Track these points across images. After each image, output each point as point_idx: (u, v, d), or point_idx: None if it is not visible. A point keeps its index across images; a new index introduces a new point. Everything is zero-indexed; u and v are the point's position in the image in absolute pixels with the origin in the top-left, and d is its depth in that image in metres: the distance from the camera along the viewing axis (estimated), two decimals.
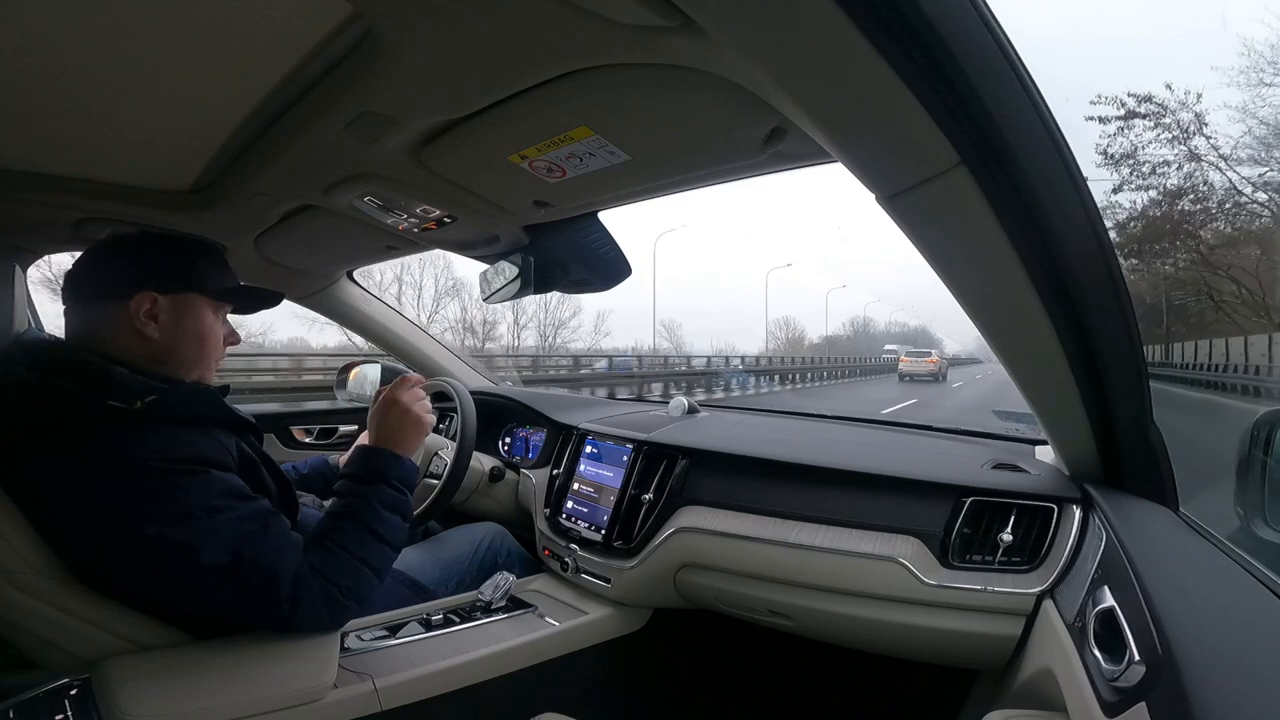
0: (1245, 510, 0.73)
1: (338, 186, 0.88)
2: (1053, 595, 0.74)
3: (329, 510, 0.85)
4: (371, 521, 0.82)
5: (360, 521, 0.82)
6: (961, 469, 0.92)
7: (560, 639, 1.03)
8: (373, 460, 0.88)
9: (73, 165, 0.87)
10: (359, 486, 0.85)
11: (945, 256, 0.60)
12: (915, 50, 0.42)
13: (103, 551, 0.71)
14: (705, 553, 1.02)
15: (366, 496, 0.84)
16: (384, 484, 0.86)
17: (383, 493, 0.85)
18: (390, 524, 0.84)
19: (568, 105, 0.65)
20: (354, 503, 0.84)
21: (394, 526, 0.85)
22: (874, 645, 0.96)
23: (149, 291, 0.79)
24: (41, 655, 0.75)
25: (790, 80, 0.48)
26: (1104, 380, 0.66)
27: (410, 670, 0.86)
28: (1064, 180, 0.52)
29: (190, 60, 0.63)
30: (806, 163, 0.74)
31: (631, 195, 0.90)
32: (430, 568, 1.12)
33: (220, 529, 0.71)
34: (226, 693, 0.72)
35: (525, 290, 1.13)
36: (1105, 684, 0.49)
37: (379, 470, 0.87)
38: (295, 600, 0.74)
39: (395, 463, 0.89)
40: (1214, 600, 0.53)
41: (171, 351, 0.81)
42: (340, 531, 0.80)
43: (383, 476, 0.86)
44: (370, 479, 0.86)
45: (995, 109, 0.46)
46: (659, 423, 1.26)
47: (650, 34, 0.51)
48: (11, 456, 0.71)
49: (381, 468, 0.87)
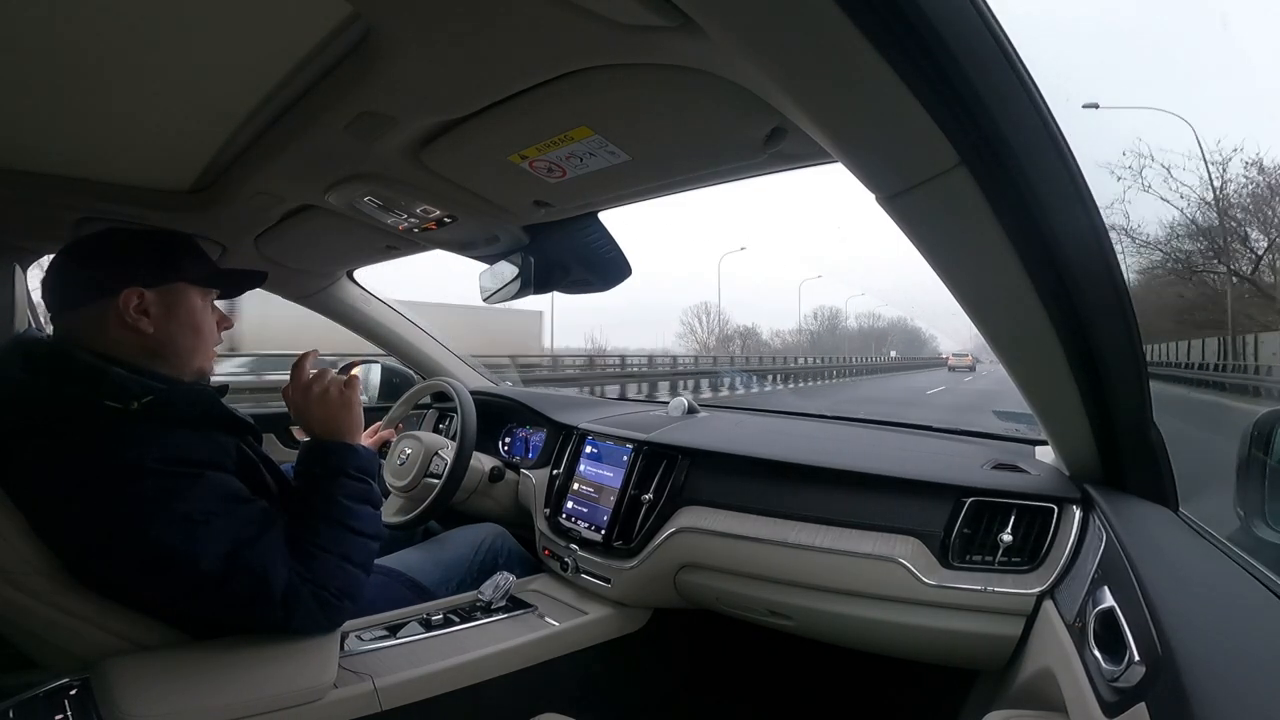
0: (1245, 510, 0.73)
1: (338, 186, 0.88)
2: (1053, 595, 0.74)
3: (294, 512, 0.80)
4: (342, 516, 0.80)
5: (330, 519, 0.79)
6: (961, 469, 0.92)
7: (560, 639, 1.03)
8: (324, 455, 0.84)
9: (73, 165, 0.87)
10: (319, 484, 0.82)
11: (945, 256, 0.60)
12: (915, 50, 0.42)
13: (101, 552, 0.71)
14: (705, 553, 1.02)
15: (329, 493, 0.81)
16: (343, 477, 0.82)
17: (345, 486, 0.82)
18: (361, 515, 0.81)
19: (568, 105, 0.65)
20: (319, 502, 0.80)
21: (366, 517, 0.82)
22: (874, 645, 0.96)
23: (134, 287, 0.77)
24: (41, 655, 0.75)
25: (790, 80, 0.48)
26: (1104, 380, 0.66)
27: (410, 670, 0.86)
28: (1064, 180, 0.51)
29: (191, 60, 0.63)
30: (806, 163, 0.74)
31: (632, 195, 0.90)
32: (430, 568, 1.12)
33: (216, 533, 0.71)
34: (226, 693, 0.72)
35: (525, 290, 1.13)
36: (1105, 684, 0.49)
37: (334, 465, 0.83)
38: (288, 605, 0.74)
39: (350, 453, 0.84)
40: (1214, 600, 0.53)
41: (168, 345, 0.80)
42: (315, 533, 0.77)
43: (340, 470, 0.83)
44: (327, 474, 0.82)
45: (995, 109, 0.46)
46: (659, 423, 1.26)
47: (650, 34, 0.51)
48: (10, 456, 0.71)
49: (336, 461, 0.83)
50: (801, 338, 51.38)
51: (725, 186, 0.85)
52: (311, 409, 0.86)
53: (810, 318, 58.68)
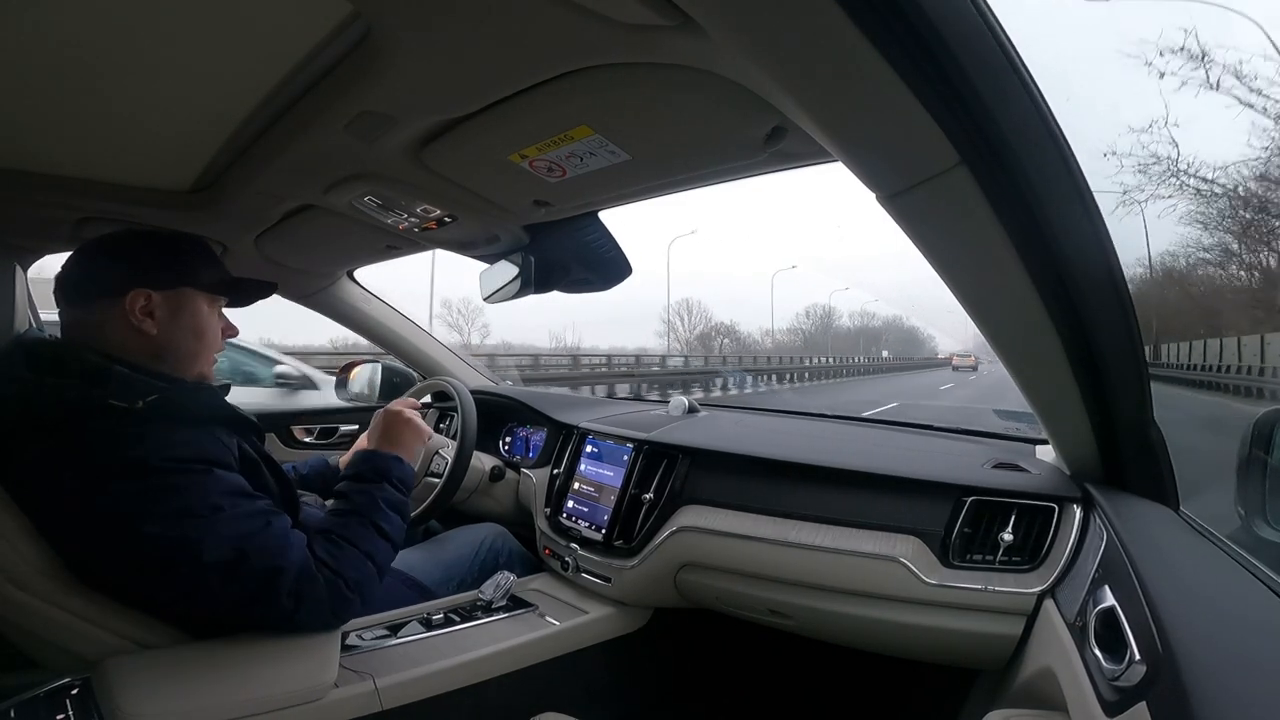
0: (1246, 509, 0.73)
1: (338, 186, 0.89)
2: (1053, 595, 0.74)
3: (333, 508, 0.87)
4: (376, 518, 0.84)
5: (365, 517, 0.84)
6: (962, 468, 0.92)
7: (561, 638, 1.03)
8: (375, 461, 0.91)
9: (73, 165, 0.87)
10: (363, 485, 0.88)
11: (945, 256, 0.60)
12: (915, 49, 0.42)
13: (104, 551, 0.71)
14: (706, 552, 1.02)
15: (371, 494, 0.86)
16: (387, 483, 0.89)
17: (386, 491, 0.88)
18: (392, 521, 0.86)
19: (568, 104, 0.65)
20: (359, 499, 0.86)
21: (396, 524, 0.87)
22: (874, 645, 0.96)
23: (142, 289, 0.79)
24: (42, 654, 0.75)
25: (791, 79, 0.48)
26: (1104, 379, 0.66)
27: (411, 669, 0.86)
28: (1064, 179, 0.51)
29: (191, 60, 0.63)
30: (806, 162, 0.74)
31: (632, 195, 0.90)
32: (431, 568, 1.12)
33: (222, 527, 0.71)
34: (227, 692, 0.72)
35: (525, 290, 1.13)
36: (1106, 683, 0.49)
37: (382, 470, 0.90)
38: (298, 596, 0.74)
39: (397, 464, 0.92)
40: (1214, 600, 0.53)
41: (170, 348, 0.81)
42: (346, 526, 0.82)
43: (385, 476, 0.89)
44: (374, 478, 0.89)
45: (995, 108, 0.46)
46: (659, 422, 1.26)
47: (650, 33, 0.51)
48: (12, 456, 0.71)
49: (384, 468, 0.90)
50: (794, 337, 50.09)
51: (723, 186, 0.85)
52: (391, 425, 1.00)
53: (803, 316, 57.73)
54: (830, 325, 57.70)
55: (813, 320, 57.60)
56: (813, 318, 57.68)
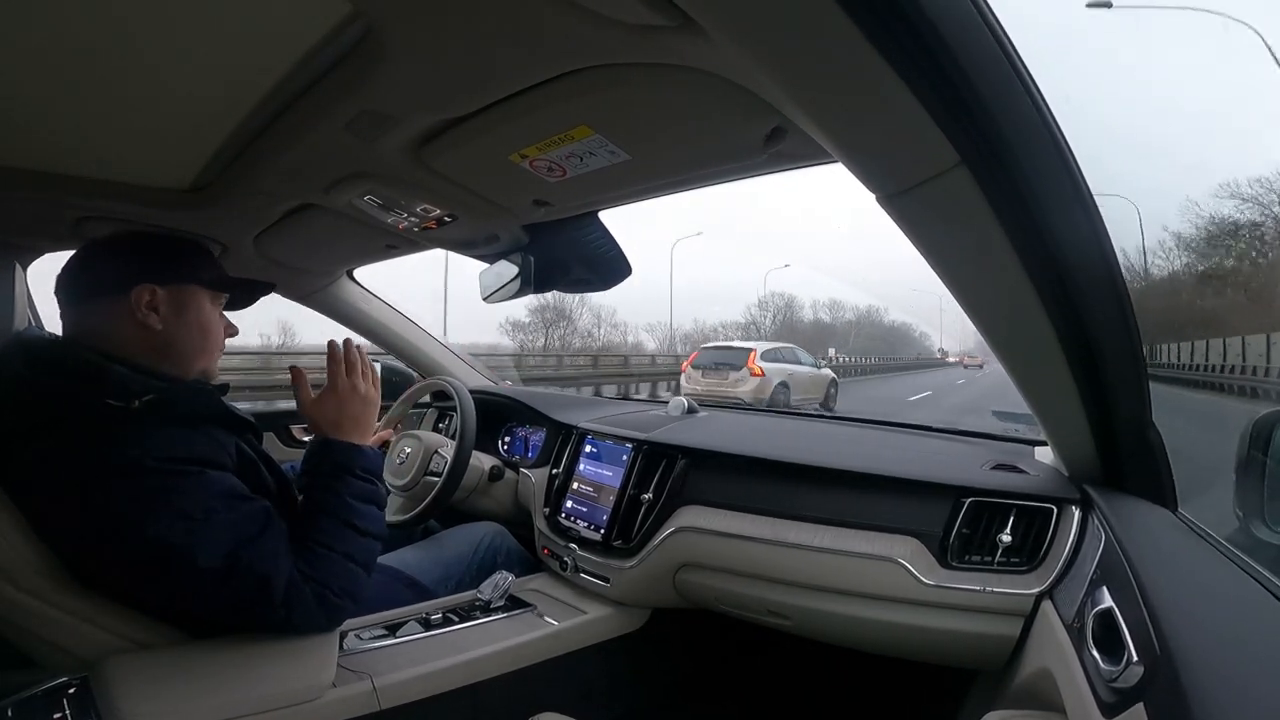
0: (1244, 511, 0.73)
1: (338, 185, 0.88)
2: (1051, 596, 0.74)
3: (303, 509, 0.81)
4: (348, 516, 0.80)
5: (336, 518, 0.80)
6: (961, 469, 0.92)
7: (559, 638, 1.03)
8: (333, 453, 0.85)
9: (73, 163, 0.87)
10: (326, 481, 0.82)
11: (945, 256, 0.60)
12: (916, 50, 0.42)
13: (100, 551, 0.71)
14: (704, 552, 1.02)
15: (336, 491, 0.81)
16: (350, 476, 0.83)
17: (351, 485, 0.82)
18: (367, 515, 0.82)
19: (568, 104, 0.65)
20: (325, 499, 0.81)
21: (371, 517, 0.83)
22: (873, 645, 0.96)
23: (148, 284, 0.79)
24: (40, 654, 0.75)
25: (791, 80, 0.48)
26: (1103, 380, 0.66)
27: (409, 669, 0.86)
28: (1064, 180, 0.52)
29: (191, 58, 0.63)
30: (806, 163, 0.74)
31: (632, 195, 0.90)
32: (430, 567, 1.12)
33: (216, 531, 0.71)
34: (225, 692, 0.72)
35: (525, 290, 1.13)
36: (1103, 684, 0.49)
37: (342, 463, 0.84)
38: (289, 604, 0.74)
39: (356, 453, 0.85)
40: (1212, 601, 0.53)
41: (174, 344, 0.81)
42: (320, 531, 0.78)
43: (346, 469, 0.83)
44: (334, 472, 0.83)
45: (995, 108, 0.46)
46: (658, 422, 1.26)
47: (650, 33, 0.51)
48: (10, 455, 0.71)
49: (344, 460, 0.84)
50: (747, 332, 41.49)
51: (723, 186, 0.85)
52: (341, 399, 0.87)
53: (755, 307, 46.71)
54: (792, 317, 47.16)
55: (768, 312, 46.24)
56: (767, 309, 46.18)
